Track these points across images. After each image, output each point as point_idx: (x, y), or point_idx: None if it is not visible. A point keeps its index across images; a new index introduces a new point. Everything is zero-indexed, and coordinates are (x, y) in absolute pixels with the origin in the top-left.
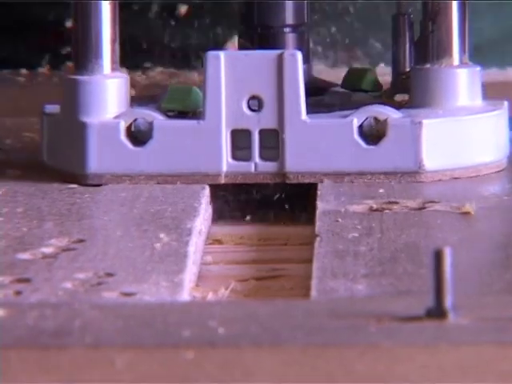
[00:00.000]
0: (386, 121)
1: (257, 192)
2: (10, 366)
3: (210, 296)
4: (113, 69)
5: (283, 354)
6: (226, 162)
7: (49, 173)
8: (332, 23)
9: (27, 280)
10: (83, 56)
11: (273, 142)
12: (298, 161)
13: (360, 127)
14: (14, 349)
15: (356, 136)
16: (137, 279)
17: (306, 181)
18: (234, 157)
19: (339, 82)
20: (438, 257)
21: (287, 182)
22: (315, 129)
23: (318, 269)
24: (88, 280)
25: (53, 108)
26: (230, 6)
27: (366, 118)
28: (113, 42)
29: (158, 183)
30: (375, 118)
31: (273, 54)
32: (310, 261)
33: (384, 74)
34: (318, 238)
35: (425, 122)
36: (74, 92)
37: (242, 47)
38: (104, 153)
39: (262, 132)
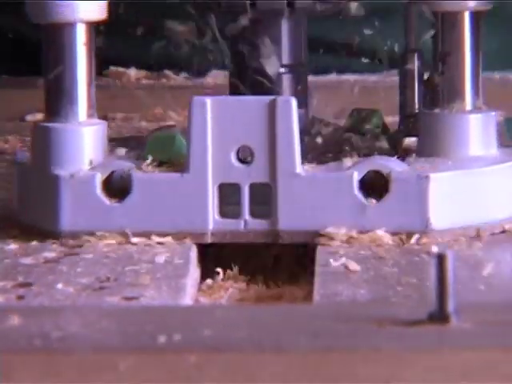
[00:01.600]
0: (389, 174)
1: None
2: (14, 370)
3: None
4: (89, 115)
5: (286, 359)
6: (213, 220)
7: (21, 228)
8: None
9: None
10: (56, 101)
11: (264, 198)
12: (292, 218)
13: (361, 181)
14: (18, 353)
15: (356, 191)
16: None
17: (301, 240)
18: (222, 213)
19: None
20: (440, 261)
21: (280, 241)
22: (311, 183)
23: None
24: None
25: (25, 156)
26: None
27: (368, 172)
28: (89, 86)
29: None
30: (377, 172)
31: (264, 100)
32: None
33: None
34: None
35: (432, 176)
36: (45, 141)
37: (233, 90)
38: (78, 208)
39: (252, 186)
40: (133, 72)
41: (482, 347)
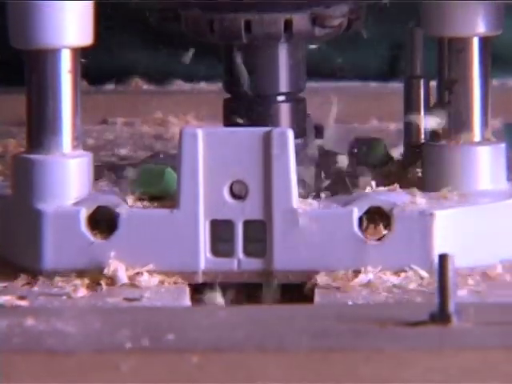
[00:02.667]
0: (391, 211)
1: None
2: (15, 371)
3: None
4: (74, 147)
5: (288, 359)
6: (205, 258)
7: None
8: None
9: None
10: (39, 132)
11: (259, 235)
12: (288, 257)
13: (361, 218)
14: (20, 353)
15: (356, 229)
16: None
17: (298, 280)
18: (214, 252)
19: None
20: (442, 261)
21: (276, 282)
22: (308, 220)
23: None
24: None
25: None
26: None
27: (369, 208)
28: (74, 115)
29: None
30: (379, 208)
31: (259, 131)
32: None
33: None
34: None
35: (437, 213)
36: (27, 174)
37: (228, 121)
38: (62, 246)
39: (246, 223)
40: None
41: (483, 347)
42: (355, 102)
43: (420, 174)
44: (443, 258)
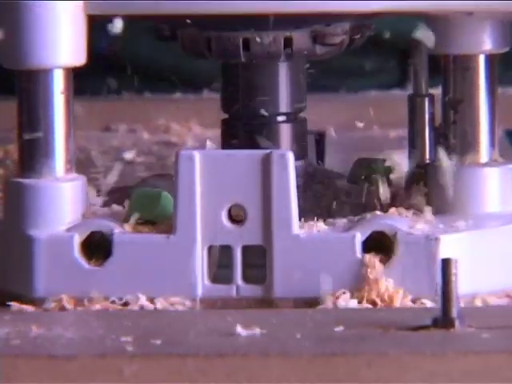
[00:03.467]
0: (395, 236)
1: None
2: (18, 375)
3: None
4: (67, 170)
5: (291, 363)
6: (202, 285)
7: None
8: None
9: None
10: (31, 155)
11: (258, 261)
12: (289, 283)
13: (364, 243)
14: (22, 357)
15: (359, 254)
16: None
17: (299, 307)
18: (212, 278)
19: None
20: (445, 266)
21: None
22: (309, 245)
23: None
24: None
25: None
26: None
27: (372, 233)
28: (67, 138)
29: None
30: (382, 233)
31: (258, 154)
32: None
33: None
34: None
35: (443, 237)
36: (19, 198)
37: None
38: (55, 272)
39: (245, 248)
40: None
41: (485, 352)
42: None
43: (425, 196)
44: (446, 263)
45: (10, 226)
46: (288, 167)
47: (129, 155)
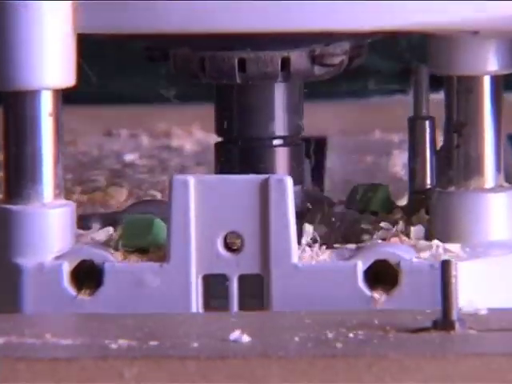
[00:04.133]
0: (398, 265)
1: None
2: (19, 378)
3: None
4: (55, 196)
5: (291, 366)
6: None
7: None
8: None
9: None
10: (17, 180)
11: (256, 291)
12: None
13: (366, 272)
14: (23, 360)
15: (361, 283)
16: None
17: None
18: (207, 308)
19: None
20: (445, 268)
21: None
22: (308, 274)
23: None
24: None
25: None
26: None
27: (374, 262)
28: (55, 162)
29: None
30: (385, 261)
31: (256, 179)
32: None
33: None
34: None
35: None
36: (5, 225)
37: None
38: (43, 303)
39: (242, 278)
40: None
41: (486, 354)
42: None
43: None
44: (446, 265)
45: None
46: (286, 192)
47: (130, 157)
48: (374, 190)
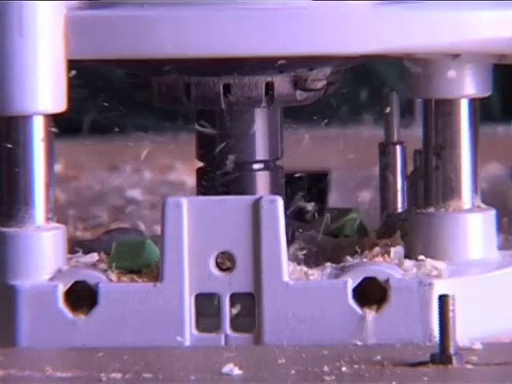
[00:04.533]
0: (387, 282)
1: None
2: None
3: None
4: (47, 219)
5: None
6: (190, 334)
7: None
8: None
9: None
10: (10, 204)
11: (247, 309)
12: (279, 332)
13: (355, 290)
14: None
15: (351, 301)
16: None
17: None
18: (200, 327)
19: None
20: (442, 303)
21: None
22: (300, 293)
23: None
24: None
25: None
26: None
27: (363, 279)
28: (47, 186)
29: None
30: (374, 279)
31: (247, 200)
32: None
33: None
34: None
35: (437, 282)
36: None
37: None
38: (37, 324)
39: (233, 296)
40: None
41: None
42: None
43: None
44: (443, 300)
45: None
46: (278, 213)
47: (133, 193)
48: (345, 213)
